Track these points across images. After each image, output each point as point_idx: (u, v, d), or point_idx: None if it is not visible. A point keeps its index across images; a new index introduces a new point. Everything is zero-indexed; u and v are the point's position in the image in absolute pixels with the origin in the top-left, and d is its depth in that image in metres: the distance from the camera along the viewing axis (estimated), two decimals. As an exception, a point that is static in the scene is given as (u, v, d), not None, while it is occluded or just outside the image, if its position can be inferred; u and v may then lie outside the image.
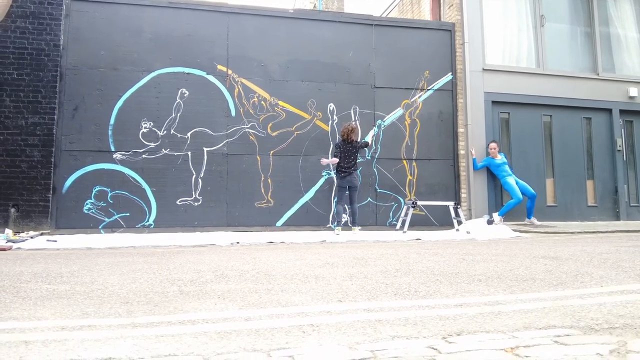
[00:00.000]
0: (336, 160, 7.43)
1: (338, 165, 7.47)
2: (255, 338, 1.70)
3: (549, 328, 1.86)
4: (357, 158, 7.64)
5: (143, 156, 7.50)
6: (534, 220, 8.36)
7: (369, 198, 8.27)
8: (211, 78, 7.83)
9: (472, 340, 1.70)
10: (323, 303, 2.30)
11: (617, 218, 9.37)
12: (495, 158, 8.51)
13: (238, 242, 6.26)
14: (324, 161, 7.52)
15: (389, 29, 8.64)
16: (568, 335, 1.76)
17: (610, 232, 7.55)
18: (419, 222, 8.29)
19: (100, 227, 7.27)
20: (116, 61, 7.56)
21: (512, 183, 8.30)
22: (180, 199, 7.52)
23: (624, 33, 10.03)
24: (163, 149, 7.56)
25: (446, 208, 8.08)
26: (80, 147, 7.33)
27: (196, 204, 7.57)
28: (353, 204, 7.54)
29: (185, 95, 7.70)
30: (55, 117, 7.25)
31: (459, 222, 7.90)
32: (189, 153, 7.64)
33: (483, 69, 8.87)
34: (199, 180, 7.61)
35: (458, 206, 8.03)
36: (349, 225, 7.70)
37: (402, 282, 2.90)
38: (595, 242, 5.69)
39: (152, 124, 7.56)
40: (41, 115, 7.24)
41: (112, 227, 7.31)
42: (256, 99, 7.96)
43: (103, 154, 7.40)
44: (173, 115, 7.64)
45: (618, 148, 9.49)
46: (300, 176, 8.01)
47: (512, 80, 9.06)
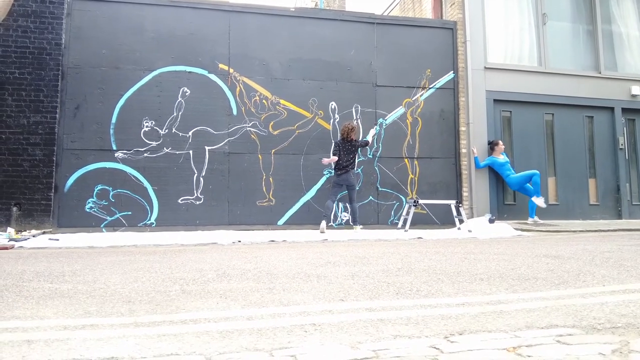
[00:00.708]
0: (336, 158, 7.43)
1: (337, 162, 7.47)
2: (257, 337, 1.70)
3: (551, 327, 1.85)
4: (357, 157, 7.64)
5: (145, 155, 7.51)
6: (536, 219, 8.35)
7: (371, 197, 8.27)
8: (213, 77, 7.83)
9: (474, 339, 1.70)
10: (325, 302, 2.30)
11: (619, 217, 9.35)
12: (498, 157, 8.51)
13: (240, 241, 6.26)
14: (325, 161, 7.53)
15: (391, 27, 8.63)
16: (570, 334, 1.75)
17: (612, 231, 7.54)
18: (421, 221, 8.29)
19: (102, 226, 7.28)
20: (118, 60, 7.56)
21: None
22: (181, 198, 7.53)
23: (626, 31, 10.00)
24: (165, 148, 7.57)
25: (448, 207, 8.08)
26: (82, 146, 7.34)
27: (198, 203, 7.57)
28: (352, 203, 7.54)
29: (186, 94, 7.70)
30: (57, 116, 7.26)
31: (461, 221, 7.89)
32: (191, 152, 7.65)
33: (485, 68, 8.86)
34: (201, 179, 7.62)
35: (460, 205, 8.02)
36: (350, 224, 7.71)
37: (404, 281, 2.90)
38: (597, 241, 5.68)
39: (154, 123, 7.56)
40: (43, 114, 7.25)
41: (114, 226, 7.32)
42: (258, 98, 7.96)
43: (105, 153, 7.41)
44: (175, 114, 7.64)
45: (620, 146, 9.47)
46: (301, 175, 8.01)
47: (514, 78, 9.04)
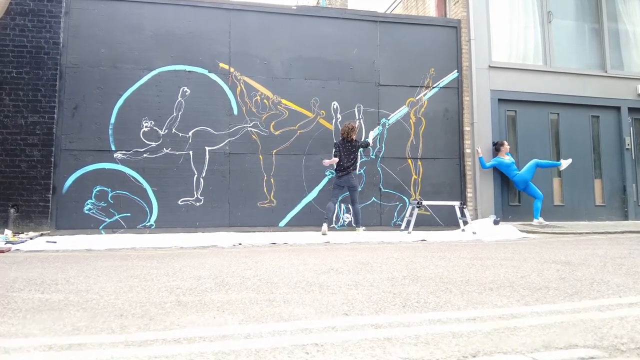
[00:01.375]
0: (336, 160, 7.30)
1: (338, 164, 7.34)
2: (255, 360, 1.58)
3: (571, 348, 1.73)
4: (359, 158, 7.51)
5: (144, 156, 7.39)
6: (541, 220, 8.22)
7: (374, 198, 8.14)
8: (213, 76, 7.71)
9: (490, 363, 1.57)
10: (328, 317, 2.18)
11: (626, 218, 9.21)
12: (504, 158, 8.39)
13: (240, 244, 6.15)
14: (326, 162, 7.39)
15: (394, 26, 8.49)
16: (592, 357, 1.63)
17: (619, 233, 7.40)
18: (425, 222, 8.16)
19: (100, 228, 7.17)
20: (117, 59, 7.44)
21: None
22: (181, 199, 7.41)
23: (633, 29, 9.84)
24: (164, 148, 7.45)
25: (452, 208, 7.94)
26: (80, 147, 7.22)
27: (198, 204, 7.46)
28: (355, 204, 7.41)
29: (186, 93, 7.58)
30: (55, 116, 7.14)
31: (465, 223, 7.75)
32: (191, 152, 7.53)
33: (489, 66, 8.71)
34: (201, 180, 7.50)
35: (464, 206, 7.89)
36: (353, 225, 7.59)
37: (410, 292, 2.77)
38: (605, 245, 5.55)
39: (153, 123, 7.44)
40: (41, 114, 7.13)
41: (113, 228, 7.21)
42: (259, 97, 7.83)
43: (103, 154, 7.29)
44: (174, 114, 7.52)
45: (626, 146, 9.31)
46: (303, 176, 7.89)
47: (519, 77, 8.89)
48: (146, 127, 7.42)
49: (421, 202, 7.76)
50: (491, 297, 2.62)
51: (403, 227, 7.86)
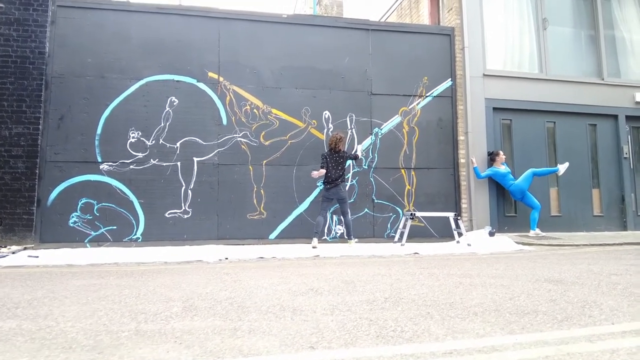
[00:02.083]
0: (324, 171, 7.10)
1: (325, 175, 7.14)
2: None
3: (552, 391, 1.55)
4: (351, 168, 7.34)
5: (131, 167, 7.23)
6: (538, 231, 8.04)
7: (366, 209, 7.97)
8: (202, 85, 7.57)
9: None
10: (291, 351, 2.00)
11: (624, 228, 9.02)
12: (500, 168, 8.24)
13: (227, 258, 5.96)
14: (314, 174, 7.15)
15: (386, 34, 8.36)
16: (575, 405, 1.45)
17: (617, 245, 7.21)
18: (419, 234, 7.98)
19: (86, 241, 7.00)
20: (103, 69, 7.31)
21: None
22: (169, 212, 7.25)
23: (630, 36, 9.72)
24: (151, 160, 7.30)
25: (447, 219, 7.76)
26: (65, 158, 7.07)
27: (186, 217, 7.29)
28: (346, 216, 7.22)
29: (174, 103, 7.44)
30: (40, 127, 7.00)
31: (460, 234, 7.58)
32: (179, 163, 7.37)
33: (484, 75, 8.58)
34: (189, 191, 7.34)
35: (458, 217, 7.71)
36: (345, 237, 7.41)
37: (389, 317, 2.60)
38: (602, 259, 5.36)
39: (140, 134, 7.30)
40: (25, 125, 6.99)
41: (99, 241, 7.04)
42: (248, 107, 7.69)
43: (89, 165, 7.14)
44: (162, 124, 7.37)
45: (624, 155, 9.15)
46: (294, 186, 7.72)
47: (514, 85, 8.75)
48: (133, 138, 7.27)
49: (414, 214, 7.58)
50: (474, 324, 2.44)
51: (396, 239, 7.68)
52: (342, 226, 7.75)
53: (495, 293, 3.29)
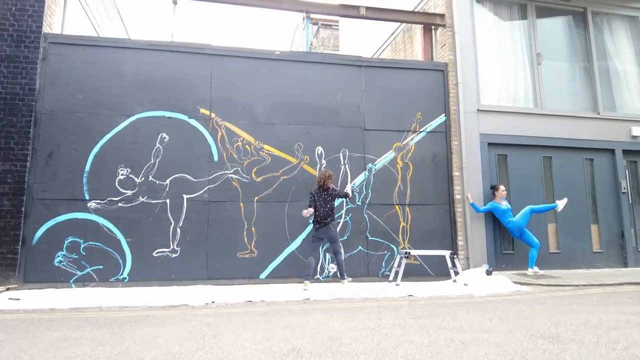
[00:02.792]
0: (312, 210, 6.94)
1: (314, 214, 6.98)
2: None
3: None
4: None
5: (119, 205, 7.10)
6: (536, 269, 7.83)
7: (360, 246, 7.79)
8: (193, 122, 7.51)
9: None
10: None
11: (625, 264, 8.82)
12: (500, 204, 8.10)
13: (213, 302, 5.76)
14: (304, 213, 6.97)
15: (379, 70, 8.36)
16: None
17: (617, 285, 7.00)
18: (414, 272, 7.79)
19: (71, 281, 6.80)
20: (94, 105, 7.26)
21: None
22: (157, 250, 7.07)
23: (623, 68, 9.73)
24: (140, 197, 7.17)
25: (443, 256, 7.57)
26: (53, 196, 6.94)
27: (174, 256, 7.11)
28: (338, 256, 7.03)
29: (165, 140, 7.36)
30: (27, 164, 6.90)
31: (456, 273, 7.38)
32: (168, 201, 7.24)
33: (478, 110, 8.53)
34: (178, 229, 7.18)
35: (454, 256, 7.53)
36: (338, 276, 7.20)
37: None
38: (601, 305, 5.16)
39: (130, 171, 7.19)
40: (13, 162, 6.89)
41: (85, 281, 6.85)
42: (240, 143, 7.61)
43: (77, 203, 7.00)
44: (152, 161, 7.28)
45: (623, 190, 9.02)
46: (286, 224, 7.57)
47: (509, 120, 8.70)
48: (122, 175, 7.16)
49: (409, 252, 7.40)
50: (461, 402, 2.26)
51: (391, 278, 7.48)
52: (335, 264, 7.56)
53: (486, 355, 3.10)
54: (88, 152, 7.13)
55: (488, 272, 7.54)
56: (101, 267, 6.92)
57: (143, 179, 7.21)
